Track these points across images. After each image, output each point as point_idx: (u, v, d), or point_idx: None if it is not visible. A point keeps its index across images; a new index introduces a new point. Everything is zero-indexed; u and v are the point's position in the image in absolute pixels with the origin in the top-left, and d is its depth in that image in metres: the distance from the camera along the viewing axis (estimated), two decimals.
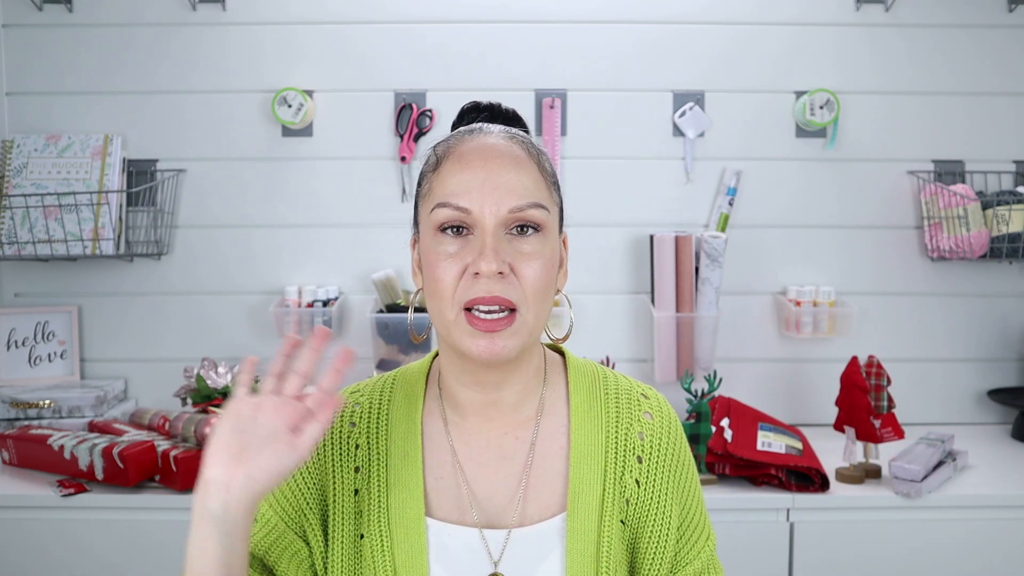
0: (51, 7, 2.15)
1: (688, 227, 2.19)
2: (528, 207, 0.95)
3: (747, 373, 2.20)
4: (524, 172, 0.96)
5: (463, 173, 0.95)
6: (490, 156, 0.96)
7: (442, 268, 0.94)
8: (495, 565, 0.98)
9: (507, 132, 1.01)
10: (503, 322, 0.93)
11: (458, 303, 0.93)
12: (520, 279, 0.94)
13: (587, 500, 0.99)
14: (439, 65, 2.17)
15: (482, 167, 0.95)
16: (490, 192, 0.94)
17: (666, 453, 1.02)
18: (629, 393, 1.05)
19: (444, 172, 0.97)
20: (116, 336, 2.21)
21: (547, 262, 0.96)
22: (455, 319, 0.94)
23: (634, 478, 1.01)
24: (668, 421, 1.04)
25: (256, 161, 2.19)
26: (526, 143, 1.00)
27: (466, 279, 0.93)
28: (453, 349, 0.98)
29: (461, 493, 1.00)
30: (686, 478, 1.04)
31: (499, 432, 1.02)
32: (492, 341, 0.93)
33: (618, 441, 1.02)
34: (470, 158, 0.96)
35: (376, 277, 2.09)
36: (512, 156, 0.97)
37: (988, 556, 1.73)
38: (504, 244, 0.94)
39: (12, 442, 1.87)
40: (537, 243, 0.96)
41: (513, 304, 0.93)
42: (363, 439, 1.03)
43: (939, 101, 2.19)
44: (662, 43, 2.18)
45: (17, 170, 2.10)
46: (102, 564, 1.73)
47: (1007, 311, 2.23)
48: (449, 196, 0.95)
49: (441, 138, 1.02)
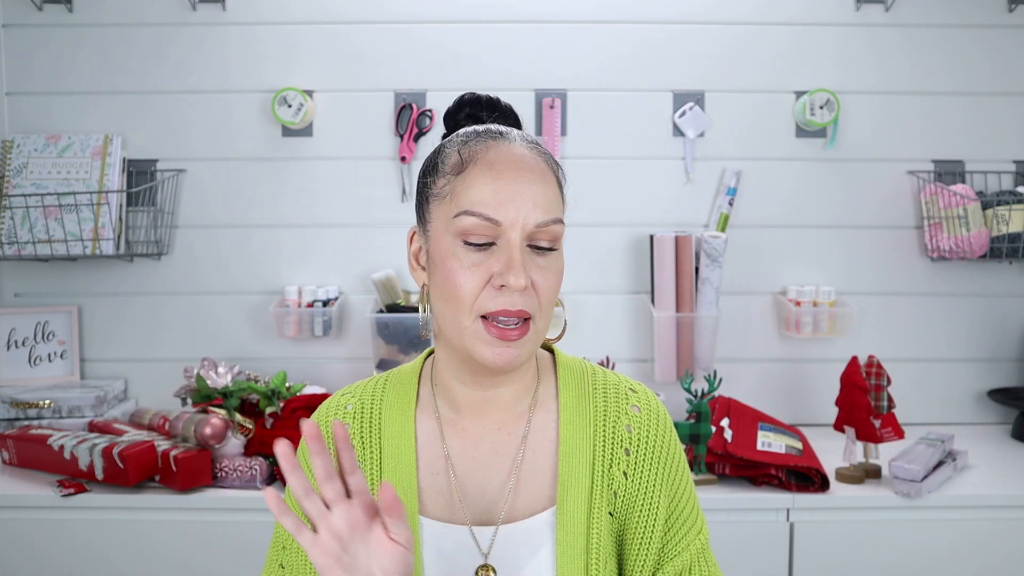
0: (51, 7, 2.15)
1: (688, 227, 2.19)
2: (551, 222, 0.96)
3: (747, 373, 2.20)
4: (548, 186, 0.97)
5: (496, 183, 0.95)
6: (521, 168, 0.96)
7: (465, 276, 0.94)
8: (485, 558, 0.99)
9: (528, 141, 1.01)
10: (518, 331, 0.94)
11: (477, 311, 0.94)
12: (538, 291, 0.95)
13: (576, 493, 1.00)
14: (439, 65, 2.17)
15: (514, 179, 0.95)
16: (520, 205, 0.94)
17: (653, 445, 1.03)
18: (617, 387, 1.06)
19: (472, 178, 0.96)
20: (116, 336, 2.21)
21: (560, 273, 0.99)
22: (471, 326, 0.95)
23: (622, 470, 1.02)
24: (656, 414, 1.05)
25: (256, 161, 2.19)
26: (546, 154, 1.01)
27: (489, 289, 0.94)
28: (464, 353, 0.98)
29: (452, 490, 1.02)
30: (674, 470, 1.04)
31: (492, 428, 1.04)
32: (507, 349, 0.94)
33: (606, 434, 1.03)
34: (501, 168, 0.95)
35: (376, 277, 2.09)
36: (539, 169, 0.98)
37: (988, 556, 1.73)
38: (527, 257, 0.95)
39: (12, 442, 1.87)
40: (555, 258, 0.98)
41: (530, 315, 0.95)
42: (356, 440, 1.05)
43: (939, 101, 2.19)
44: (662, 43, 2.18)
45: (17, 170, 2.10)
46: (102, 564, 1.73)
47: (1007, 311, 2.23)
48: (478, 205, 0.94)
49: (459, 138, 1.01)
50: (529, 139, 1.01)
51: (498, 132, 1.00)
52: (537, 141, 1.02)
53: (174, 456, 1.70)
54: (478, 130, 1.01)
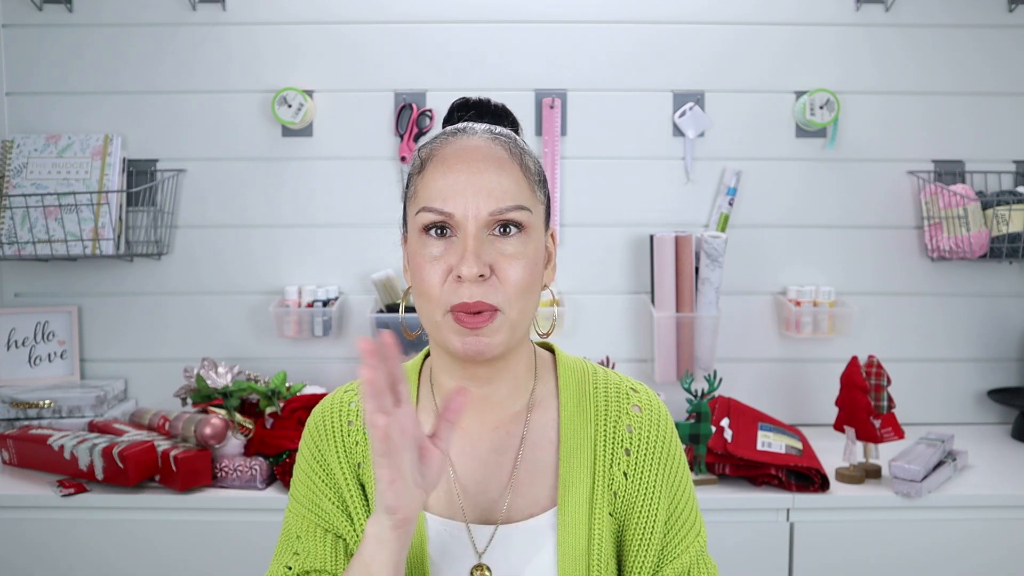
0: (51, 7, 2.15)
1: (688, 227, 2.19)
2: (508, 209, 0.95)
3: (747, 373, 2.20)
4: (505, 173, 0.97)
5: (446, 177, 0.96)
6: (471, 159, 0.97)
7: (427, 271, 0.95)
8: (479, 558, 0.99)
9: (491, 132, 1.01)
10: (485, 319, 0.94)
11: (444, 305, 0.95)
12: (502, 280, 0.95)
13: (577, 495, 1.00)
14: (439, 65, 2.17)
15: (463, 170, 0.96)
16: (471, 196, 0.94)
17: (654, 446, 1.03)
18: (618, 387, 1.06)
19: (427, 175, 0.98)
20: (116, 336, 2.21)
21: (530, 261, 0.97)
22: (442, 319, 0.95)
23: (622, 470, 1.01)
24: (657, 414, 1.05)
25: (256, 161, 2.19)
26: (508, 143, 1.00)
27: (450, 282, 0.94)
28: (441, 347, 0.99)
29: (452, 488, 1.02)
30: (675, 471, 1.04)
31: (491, 427, 1.04)
32: (476, 339, 0.94)
33: (607, 434, 1.03)
34: (452, 161, 0.97)
35: (376, 277, 2.09)
36: (494, 158, 0.97)
37: (988, 556, 1.73)
38: (486, 245, 0.95)
39: (12, 442, 1.87)
40: (519, 243, 0.96)
41: (495, 307, 0.94)
42: (361, 435, 1.05)
43: (939, 101, 2.19)
44: (662, 43, 2.18)
45: (17, 170, 2.10)
46: (102, 564, 1.73)
47: (1007, 311, 2.23)
48: (432, 200, 0.96)
49: (427, 140, 1.03)
50: (495, 131, 1.01)
51: (461, 128, 1.01)
52: (507, 132, 1.02)
53: (174, 456, 1.70)
54: (445, 130, 1.03)
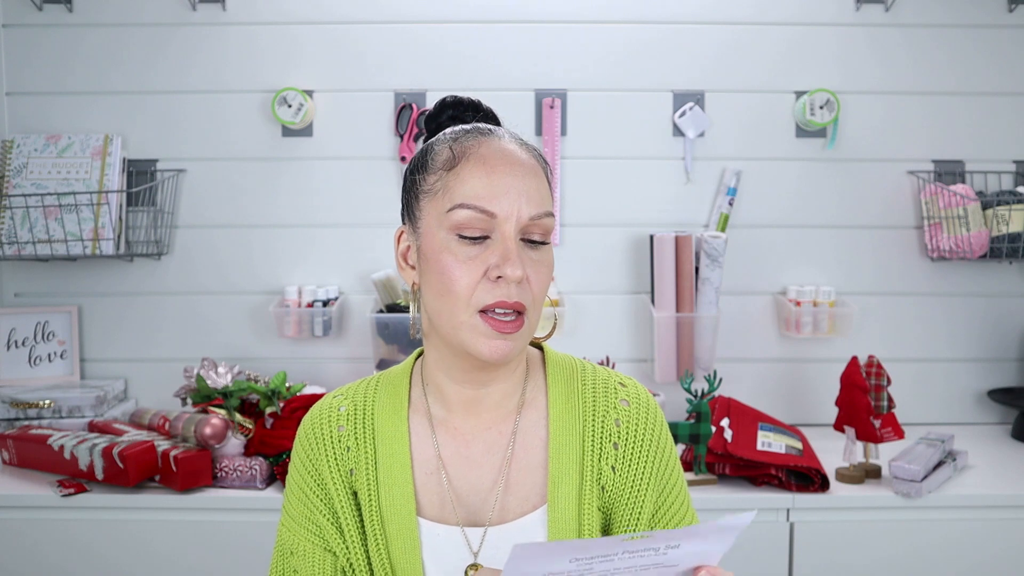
0: (51, 7, 2.15)
1: (688, 227, 2.19)
2: (543, 215, 0.97)
3: (747, 373, 2.20)
4: (539, 180, 0.99)
5: (490, 177, 0.95)
6: (513, 162, 0.97)
7: (460, 270, 0.95)
8: (475, 557, 1.00)
9: (517, 138, 1.02)
10: (514, 324, 0.95)
11: (475, 305, 0.94)
12: (530, 285, 0.96)
13: (566, 491, 1.00)
14: (439, 65, 2.17)
15: (507, 173, 0.96)
16: (515, 198, 0.95)
17: (642, 439, 1.03)
18: (606, 382, 1.06)
19: (465, 172, 0.96)
20: (116, 336, 2.21)
21: (550, 268, 1.00)
22: (468, 320, 0.95)
23: (610, 464, 1.02)
24: (645, 408, 1.05)
25: (256, 161, 2.19)
26: (534, 151, 1.02)
27: (485, 282, 0.94)
28: (457, 348, 0.98)
29: (445, 490, 1.02)
30: (664, 464, 1.05)
31: (483, 427, 1.04)
32: (503, 342, 0.95)
33: (595, 429, 1.03)
34: (495, 162, 0.97)
35: (376, 277, 2.09)
36: (530, 164, 0.99)
37: (988, 556, 1.73)
38: (520, 251, 0.96)
39: (12, 442, 1.87)
40: (546, 252, 0.99)
41: (525, 308, 0.95)
42: (352, 441, 1.05)
43: (939, 101, 2.19)
44: (662, 43, 2.18)
45: (17, 170, 2.10)
46: (102, 564, 1.73)
47: (1007, 311, 2.23)
48: (472, 198, 0.95)
49: (449, 137, 1.01)
50: (516, 136, 1.03)
51: (488, 129, 1.02)
52: (523, 139, 1.04)
53: (174, 456, 1.70)
54: (467, 128, 1.02)
